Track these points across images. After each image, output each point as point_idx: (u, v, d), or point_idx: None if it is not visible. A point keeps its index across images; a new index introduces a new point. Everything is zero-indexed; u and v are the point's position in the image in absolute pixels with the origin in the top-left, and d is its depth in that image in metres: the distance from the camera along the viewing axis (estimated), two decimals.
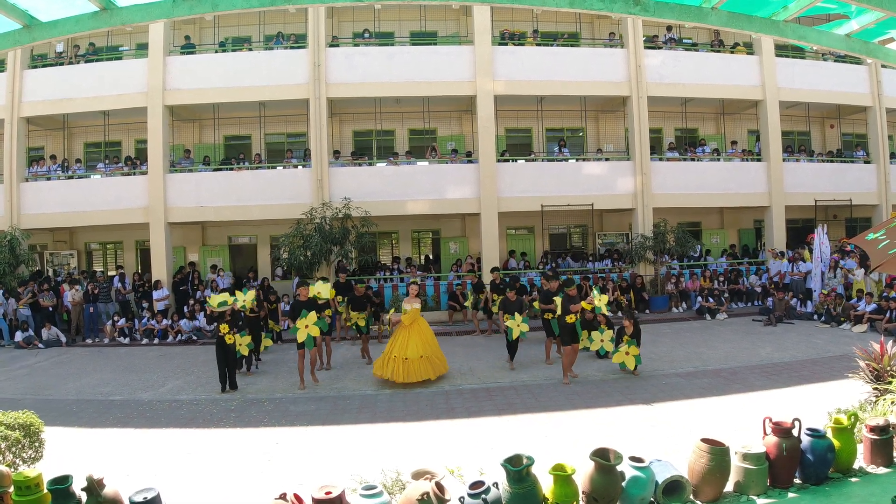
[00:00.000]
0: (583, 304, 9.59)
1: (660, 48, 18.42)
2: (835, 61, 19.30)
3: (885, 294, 13.53)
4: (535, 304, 12.04)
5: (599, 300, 9.82)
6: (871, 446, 4.89)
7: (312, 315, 9.28)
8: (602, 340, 10.90)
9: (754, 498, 4.38)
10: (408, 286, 10.82)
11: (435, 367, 9.60)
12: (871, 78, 19.27)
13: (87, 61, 17.68)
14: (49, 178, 17.33)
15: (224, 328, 9.43)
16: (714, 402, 7.89)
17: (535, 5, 6.00)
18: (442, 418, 7.65)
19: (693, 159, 18.75)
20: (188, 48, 17.87)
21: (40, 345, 14.21)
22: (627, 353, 9.65)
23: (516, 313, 10.43)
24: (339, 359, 11.56)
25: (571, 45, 18.63)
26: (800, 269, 16.72)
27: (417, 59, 17.15)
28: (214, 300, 9.67)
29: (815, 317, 14.67)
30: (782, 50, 18.89)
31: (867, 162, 19.62)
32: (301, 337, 9.22)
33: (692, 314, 16.10)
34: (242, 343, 10.01)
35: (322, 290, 10.23)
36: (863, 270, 15.00)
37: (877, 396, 6.40)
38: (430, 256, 19.75)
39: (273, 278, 18.41)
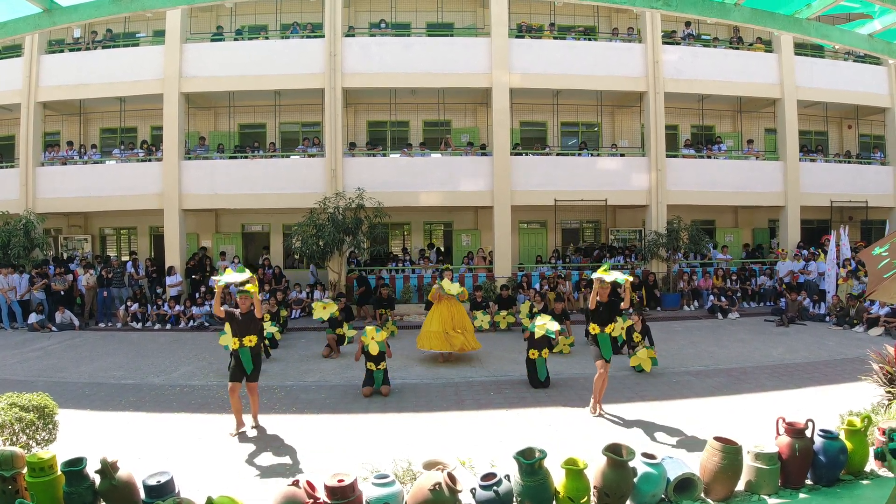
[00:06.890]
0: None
1: (678, 44, 18.27)
2: (854, 61, 19.07)
3: None
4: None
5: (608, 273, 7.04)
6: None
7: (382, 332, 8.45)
8: (622, 328, 9.89)
9: (766, 497, 4.38)
10: (440, 273, 12.45)
11: (471, 343, 10.62)
12: (890, 79, 19.05)
13: (104, 47, 17.76)
14: (65, 163, 17.44)
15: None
16: (725, 402, 7.86)
17: None
18: (451, 410, 7.65)
19: (709, 157, 18.61)
20: (216, 36, 17.94)
21: (53, 328, 14.34)
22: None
23: (545, 350, 8.80)
24: (348, 347, 11.57)
25: (589, 39, 18.53)
26: (809, 269, 16.62)
27: (433, 51, 17.09)
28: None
29: (828, 319, 14.58)
30: (801, 48, 18.68)
31: (884, 164, 19.40)
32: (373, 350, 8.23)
33: (704, 313, 16.01)
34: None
35: (234, 278, 6.82)
36: None
37: (890, 399, 6.36)
38: (441, 248, 19.68)
39: (285, 267, 18.48)
